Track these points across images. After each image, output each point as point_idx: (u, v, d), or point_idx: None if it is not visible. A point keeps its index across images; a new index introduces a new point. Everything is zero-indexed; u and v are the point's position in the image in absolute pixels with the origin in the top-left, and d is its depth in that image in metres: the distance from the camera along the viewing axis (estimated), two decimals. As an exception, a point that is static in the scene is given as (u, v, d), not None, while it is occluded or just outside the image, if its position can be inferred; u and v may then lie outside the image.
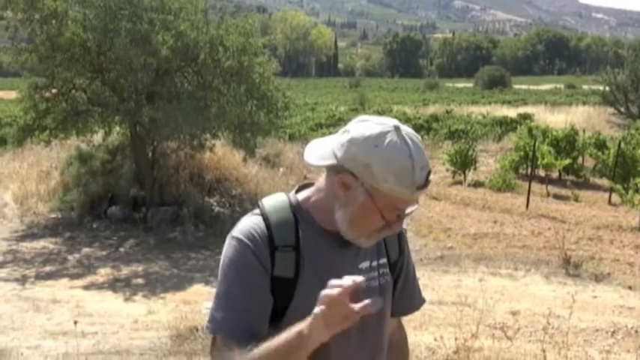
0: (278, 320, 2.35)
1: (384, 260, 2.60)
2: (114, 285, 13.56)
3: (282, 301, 2.36)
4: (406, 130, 2.29)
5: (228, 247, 2.38)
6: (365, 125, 2.28)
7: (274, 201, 2.46)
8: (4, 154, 25.63)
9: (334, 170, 2.31)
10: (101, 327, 10.60)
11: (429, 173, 2.28)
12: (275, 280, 2.34)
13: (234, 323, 2.31)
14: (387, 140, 2.22)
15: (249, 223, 2.39)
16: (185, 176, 18.76)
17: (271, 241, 2.34)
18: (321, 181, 2.44)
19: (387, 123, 2.28)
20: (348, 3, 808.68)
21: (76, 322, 8.17)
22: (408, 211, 2.35)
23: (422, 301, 2.87)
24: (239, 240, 2.35)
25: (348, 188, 2.29)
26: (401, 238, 2.68)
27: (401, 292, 2.71)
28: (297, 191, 2.54)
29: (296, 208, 2.43)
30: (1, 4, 17.08)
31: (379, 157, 2.21)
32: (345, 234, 2.37)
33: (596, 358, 8.53)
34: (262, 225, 2.37)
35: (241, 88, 17.86)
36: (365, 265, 2.51)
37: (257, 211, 2.44)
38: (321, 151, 2.35)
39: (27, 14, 16.97)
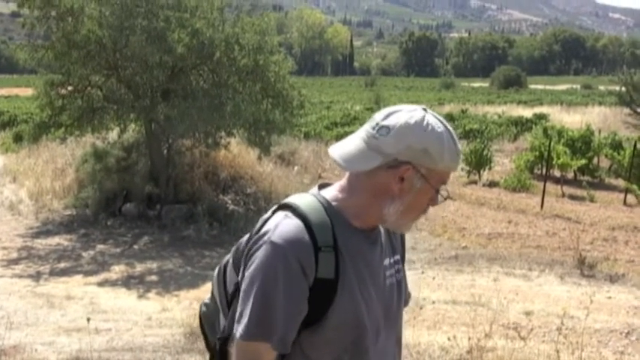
0: (317, 322, 2.32)
1: (397, 257, 2.62)
2: (128, 282, 13.60)
3: (323, 303, 2.31)
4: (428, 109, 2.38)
5: (267, 252, 2.28)
6: (402, 115, 2.33)
7: (306, 201, 2.41)
8: (20, 150, 25.76)
9: (385, 167, 2.31)
10: (115, 324, 10.62)
11: None
12: (317, 283, 2.29)
13: (271, 332, 2.26)
14: (429, 122, 2.31)
15: (288, 227, 2.31)
16: (200, 174, 18.80)
17: (314, 242, 2.29)
18: (348, 181, 2.42)
19: (416, 107, 2.36)
20: (364, 2, 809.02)
21: (89, 319, 8.17)
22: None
23: (409, 295, 2.88)
24: (281, 246, 2.26)
25: (403, 180, 2.31)
26: (403, 234, 2.70)
27: None
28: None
29: (327, 208, 2.39)
30: (18, 1, 17.18)
31: (432, 139, 2.29)
32: (394, 224, 2.42)
33: (610, 359, 8.50)
34: (303, 227, 2.31)
35: (257, 87, 17.91)
36: (387, 261, 2.53)
37: (289, 212, 2.37)
38: (356, 155, 2.34)
39: (43, 11, 17.07)
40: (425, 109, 2.35)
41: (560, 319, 8.31)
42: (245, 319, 2.28)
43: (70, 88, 18.09)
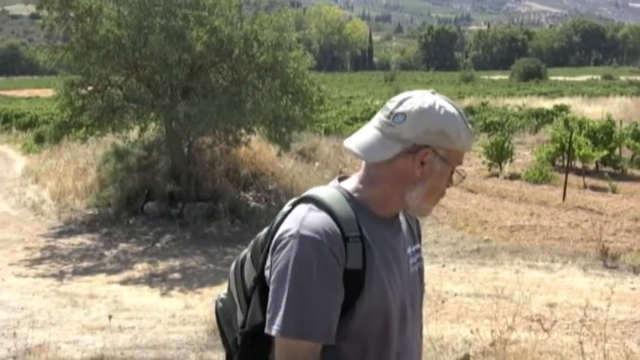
0: (346, 313, 2.30)
1: (418, 246, 2.64)
2: (150, 280, 13.65)
3: (351, 294, 2.29)
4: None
5: (298, 246, 2.25)
6: (415, 100, 2.36)
7: (329, 193, 2.40)
8: (42, 151, 25.90)
9: (404, 153, 2.33)
10: (138, 322, 10.68)
11: None
12: (346, 274, 2.27)
13: (311, 326, 2.23)
14: (441, 104, 2.37)
15: (316, 220, 2.29)
16: (221, 171, 18.83)
17: (342, 233, 2.28)
18: (367, 172, 2.43)
19: (426, 92, 2.40)
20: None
21: (110, 317, 8.22)
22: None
23: (424, 285, 2.89)
24: (312, 239, 2.25)
25: (423, 164, 2.34)
26: (419, 224, 2.72)
27: None
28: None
29: (349, 199, 2.39)
30: (37, 3, 17.27)
31: (447, 120, 2.34)
32: (417, 209, 2.44)
33: (635, 349, 8.45)
34: (330, 219, 2.30)
35: (276, 83, 17.90)
36: (409, 250, 2.55)
37: (312, 205, 2.36)
38: (375, 145, 2.36)
39: (62, 12, 17.14)
40: (434, 93, 2.38)
41: (584, 311, 8.28)
42: (280, 316, 2.24)
43: (90, 88, 18.17)
